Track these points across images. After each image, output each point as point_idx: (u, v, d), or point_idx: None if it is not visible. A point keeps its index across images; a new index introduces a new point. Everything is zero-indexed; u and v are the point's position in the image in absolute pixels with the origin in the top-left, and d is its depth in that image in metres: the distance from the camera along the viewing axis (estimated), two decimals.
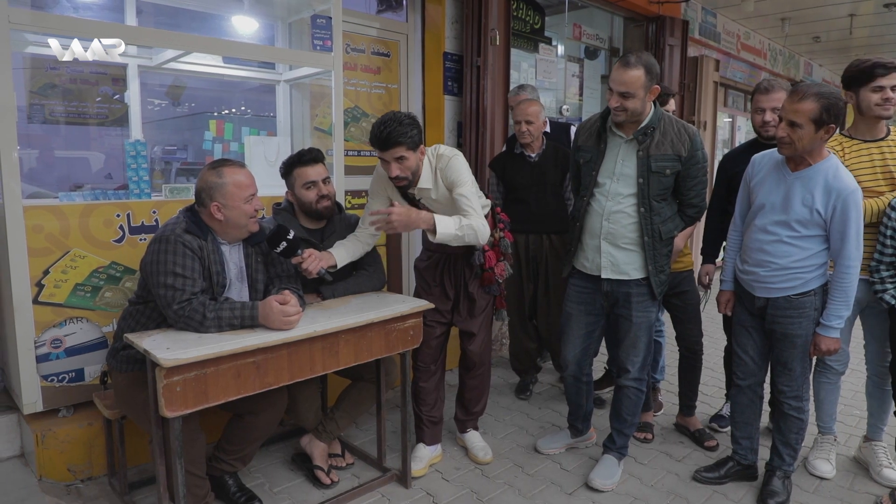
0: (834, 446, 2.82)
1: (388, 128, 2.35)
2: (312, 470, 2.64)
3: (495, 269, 2.68)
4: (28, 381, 2.47)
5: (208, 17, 3.52)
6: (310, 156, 2.54)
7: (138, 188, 2.78)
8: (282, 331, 2.07)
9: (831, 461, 2.77)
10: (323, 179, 2.55)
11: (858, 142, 2.56)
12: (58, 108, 3.06)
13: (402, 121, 2.37)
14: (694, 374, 3.09)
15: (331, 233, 2.65)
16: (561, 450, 2.95)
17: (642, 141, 2.37)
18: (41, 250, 2.46)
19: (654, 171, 2.36)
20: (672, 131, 2.37)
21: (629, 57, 2.27)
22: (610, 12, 5.95)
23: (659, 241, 2.43)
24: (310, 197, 2.53)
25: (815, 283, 2.35)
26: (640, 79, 2.25)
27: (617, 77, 2.27)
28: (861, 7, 7.12)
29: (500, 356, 4.31)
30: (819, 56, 10.29)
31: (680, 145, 2.36)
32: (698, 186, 2.45)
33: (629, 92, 2.27)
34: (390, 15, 4.24)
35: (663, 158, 2.36)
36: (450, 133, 4.44)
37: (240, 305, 2.07)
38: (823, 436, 2.84)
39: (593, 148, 2.50)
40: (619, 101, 2.29)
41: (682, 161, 2.37)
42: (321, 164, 2.57)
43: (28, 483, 2.45)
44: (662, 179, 2.37)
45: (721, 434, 3.12)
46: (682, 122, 2.44)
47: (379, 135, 2.36)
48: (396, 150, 2.37)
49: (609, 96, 2.33)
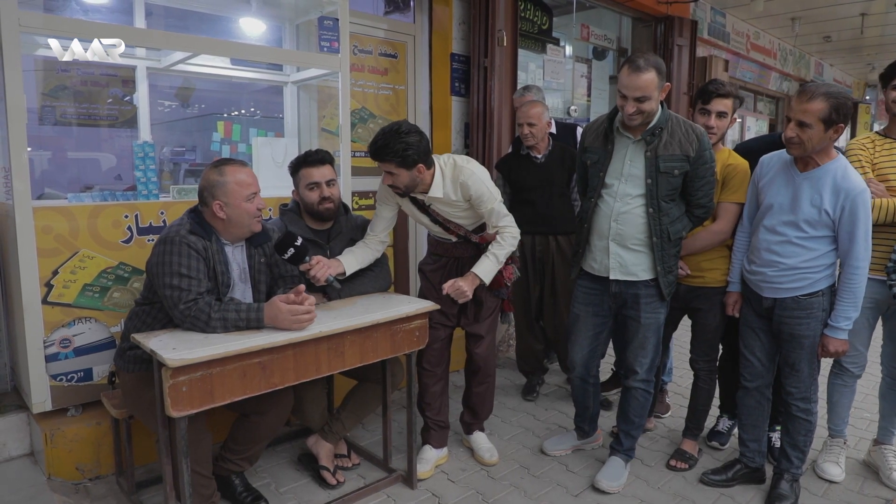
0: (844, 449, 2.80)
1: (384, 140, 2.34)
2: (318, 470, 2.64)
3: (504, 273, 2.67)
4: (37, 380, 2.50)
5: (216, 19, 3.55)
6: (316, 157, 2.54)
7: (146, 189, 2.81)
8: (291, 331, 2.08)
9: (841, 464, 2.74)
10: (327, 182, 2.53)
11: (892, 141, 2.57)
12: (69, 110, 3.09)
13: (402, 137, 2.33)
14: (695, 397, 2.87)
15: (337, 233, 2.65)
16: (567, 451, 2.94)
17: (650, 141, 2.36)
18: (50, 251, 2.48)
19: (662, 172, 2.35)
20: (680, 131, 2.36)
21: (638, 61, 2.24)
22: (618, 13, 5.94)
23: (668, 241, 2.42)
24: (312, 198, 2.53)
25: (824, 283, 2.33)
26: (653, 81, 2.24)
27: (631, 83, 2.24)
28: (873, 6, 7.06)
29: (507, 357, 4.30)
30: (830, 56, 10.22)
31: (688, 145, 2.35)
32: (706, 187, 2.44)
33: (645, 95, 2.25)
34: (397, 16, 4.25)
35: (672, 159, 2.35)
36: (457, 134, 4.44)
37: (245, 307, 2.07)
38: (833, 439, 2.81)
39: (601, 149, 2.48)
40: (636, 107, 2.27)
41: (691, 161, 2.35)
42: (328, 165, 2.56)
43: (37, 481, 2.47)
44: (671, 180, 2.37)
45: (729, 436, 3.09)
46: (690, 122, 2.44)
47: (373, 144, 2.37)
48: (386, 164, 2.38)
49: (622, 103, 2.30)
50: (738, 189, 2.54)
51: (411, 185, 2.45)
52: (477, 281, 2.55)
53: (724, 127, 2.63)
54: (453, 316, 2.74)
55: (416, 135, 2.37)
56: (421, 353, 2.67)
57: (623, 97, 2.29)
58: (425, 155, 2.41)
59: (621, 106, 2.32)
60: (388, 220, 2.67)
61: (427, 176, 2.45)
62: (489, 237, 2.65)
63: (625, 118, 2.34)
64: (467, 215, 2.58)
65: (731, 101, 2.62)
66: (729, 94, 2.61)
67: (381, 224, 2.65)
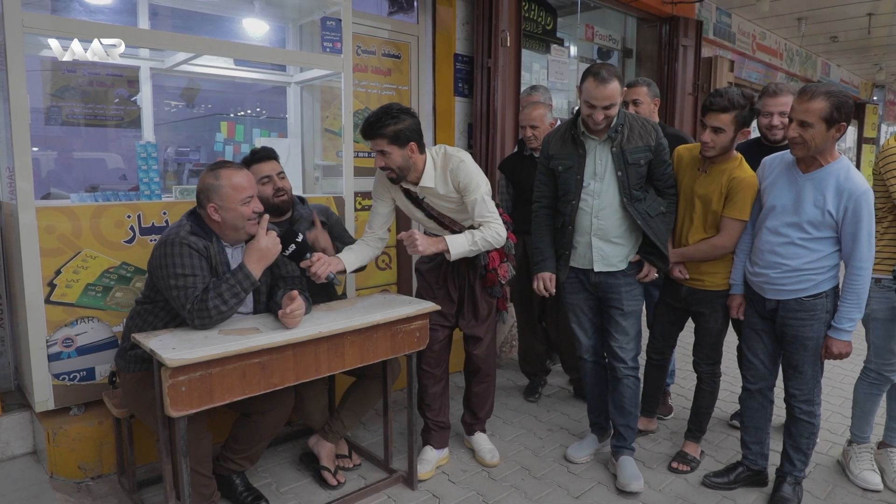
0: (872, 454, 2.75)
1: (376, 117, 2.38)
2: (319, 470, 2.65)
3: (498, 271, 2.68)
4: (40, 379, 2.51)
5: (220, 19, 3.56)
6: (263, 153, 2.60)
7: (149, 189, 2.82)
8: (287, 329, 2.10)
9: (877, 470, 2.70)
10: (277, 174, 2.59)
11: None
12: (75, 110, 3.10)
13: (393, 113, 2.37)
14: (697, 399, 2.87)
15: (297, 220, 2.68)
16: (591, 457, 2.92)
17: (615, 138, 2.52)
18: (53, 251, 2.49)
19: (630, 164, 2.52)
20: (637, 126, 2.55)
21: (601, 72, 2.40)
22: (623, 13, 5.93)
23: (650, 217, 2.56)
24: (266, 192, 2.56)
25: (827, 285, 2.32)
26: (617, 90, 2.42)
27: (599, 94, 2.40)
28: (880, 6, 7.02)
29: (509, 358, 4.29)
30: (837, 56, 10.17)
31: (648, 137, 2.54)
32: (668, 168, 2.63)
33: (612, 103, 2.43)
34: (401, 16, 4.25)
35: (636, 150, 2.52)
36: (460, 135, 4.44)
37: (230, 274, 2.11)
38: (860, 445, 2.76)
39: (572, 154, 2.59)
40: (604, 114, 2.44)
41: (653, 150, 2.54)
42: (274, 160, 2.62)
43: (40, 480, 2.48)
44: (638, 170, 2.54)
45: (731, 438, 3.08)
46: (642, 117, 2.64)
47: (365, 122, 2.40)
48: (378, 141, 2.40)
49: (590, 112, 2.45)
50: (741, 206, 2.49)
51: (405, 167, 2.46)
52: (442, 245, 2.44)
53: (722, 142, 2.44)
54: (451, 316, 2.74)
55: (408, 115, 2.42)
56: (420, 355, 2.67)
57: (591, 107, 2.44)
58: (417, 134, 2.45)
59: (589, 115, 2.46)
60: (385, 216, 2.68)
61: (419, 161, 2.48)
62: None
63: (591, 124, 2.50)
64: (460, 209, 2.57)
65: (729, 115, 2.39)
66: (727, 109, 2.39)
67: (378, 220, 2.66)
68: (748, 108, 2.44)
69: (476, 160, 4.21)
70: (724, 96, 2.43)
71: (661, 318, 2.89)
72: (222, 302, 2.04)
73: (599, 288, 2.66)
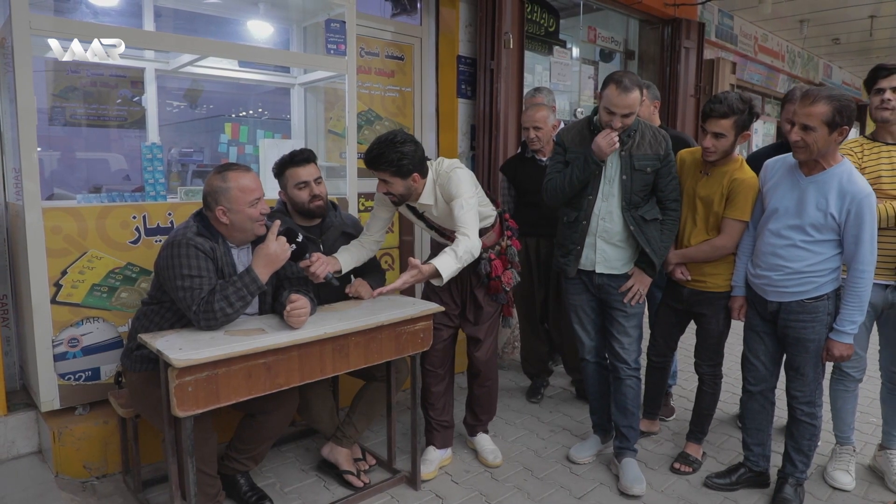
0: (853, 457, 2.77)
1: (380, 149, 2.36)
2: (342, 475, 2.63)
3: (502, 278, 2.69)
4: (46, 379, 2.52)
5: (224, 21, 3.57)
6: (302, 156, 2.57)
7: (154, 190, 2.83)
8: (292, 329, 2.11)
9: (851, 472, 2.71)
10: (315, 179, 2.58)
11: (879, 144, 2.57)
12: (79, 111, 3.12)
13: (397, 146, 2.34)
14: (699, 401, 2.86)
15: (328, 227, 2.69)
16: (593, 458, 2.93)
17: (625, 142, 2.53)
18: (59, 251, 2.51)
19: (637, 169, 2.54)
20: (649, 134, 2.57)
21: (624, 81, 2.42)
22: (625, 15, 5.93)
23: (644, 222, 2.56)
24: (302, 197, 2.56)
25: (829, 287, 2.33)
26: (638, 99, 2.45)
27: (620, 102, 2.42)
28: (882, 8, 7.02)
29: (512, 359, 4.30)
30: (839, 58, 10.16)
31: (657, 146, 2.55)
32: (675, 181, 2.63)
33: (632, 112, 2.46)
34: (404, 18, 4.27)
35: (644, 158, 2.54)
36: (463, 136, 4.45)
37: (237, 277, 2.10)
38: (842, 446, 2.78)
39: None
40: (622, 122, 2.46)
41: (661, 160, 2.55)
42: (313, 164, 2.60)
43: (45, 479, 2.50)
44: (644, 177, 2.55)
45: (733, 439, 3.09)
46: (654, 126, 2.66)
47: (368, 153, 2.39)
48: (381, 173, 2.41)
49: (609, 119, 2.46)
50: (742, 206, 2.50)
51: (406, 194, 2.48)
52: (434, 272, 2.30)
53: (724, 146, 2.47)
54: (455, 316, 2.75)
55: (412, 144, 2.40)
56: (424, 354, 2.68)
57: (611, 113, 2.45)
58: (420, 164, 2.44)
59: (608, 122, 2.47)
60: (385, 221, 2.70)
61: (421, 185, 2.49)
62: (487, 243, 2.66)
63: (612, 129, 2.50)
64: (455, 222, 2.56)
65: (730, 120, 2.42)
66: (727, 115, 2.42)
67: (377, 224, 2.68)
68: (748, 112, 2.46)
69: (479, 162, 4.20)
70: (724, 102, 2.44)
71: (662, 320, 2.90)
72: (228, 305, 2.05)
73: (602, 290, 2.68)
